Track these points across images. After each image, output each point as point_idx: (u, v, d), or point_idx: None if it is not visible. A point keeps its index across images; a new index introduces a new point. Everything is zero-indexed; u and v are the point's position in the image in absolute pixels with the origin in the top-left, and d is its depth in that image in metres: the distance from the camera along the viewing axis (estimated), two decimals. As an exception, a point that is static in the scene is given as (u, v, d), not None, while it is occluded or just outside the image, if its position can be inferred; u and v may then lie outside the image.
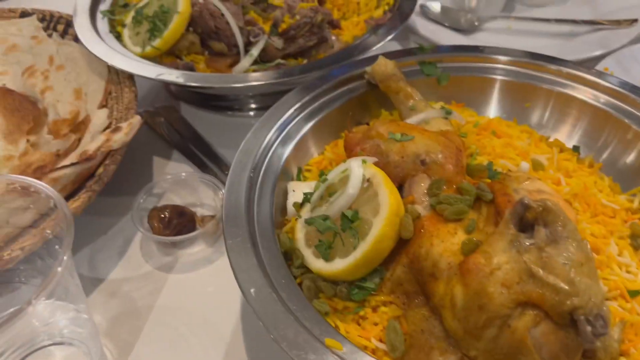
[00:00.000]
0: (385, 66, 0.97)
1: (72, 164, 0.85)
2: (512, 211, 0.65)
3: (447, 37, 1.38)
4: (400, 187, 0.78)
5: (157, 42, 1.09)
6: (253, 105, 1.22)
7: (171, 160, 1.13)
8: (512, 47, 1.37)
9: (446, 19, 1.43)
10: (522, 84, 1.01)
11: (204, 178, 1.00)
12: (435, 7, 1.45)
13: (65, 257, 0.57)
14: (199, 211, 0.99)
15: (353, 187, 0.74)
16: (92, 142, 0.91)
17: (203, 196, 1.02)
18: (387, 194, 0.71)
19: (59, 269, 0.56)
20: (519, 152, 0.90)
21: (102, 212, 1.00)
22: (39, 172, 0.99)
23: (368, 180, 0.75)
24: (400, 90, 0.95)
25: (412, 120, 0.92)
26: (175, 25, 1.09)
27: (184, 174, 1.00)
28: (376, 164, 0.79)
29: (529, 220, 0.65)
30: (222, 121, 1.22)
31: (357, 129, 0.89)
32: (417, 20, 1.40)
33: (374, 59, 1.01)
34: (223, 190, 0.97)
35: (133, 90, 1.04)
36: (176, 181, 1.00)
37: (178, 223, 0.94)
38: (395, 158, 0.80)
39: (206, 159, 1.11)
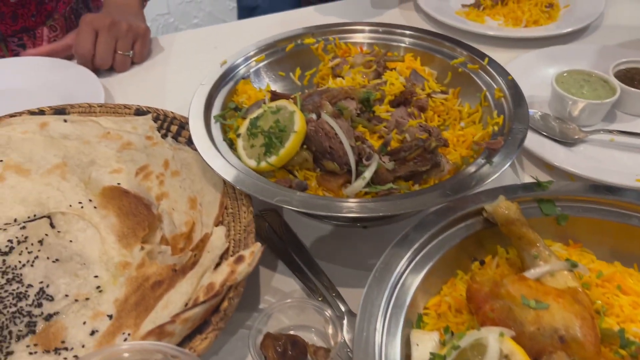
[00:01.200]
0: (507, 209, 0.96)
1: (201, 303, 0.87)
2: None
3: (547, 148, 1.36)
4: (534, 361, 0.77)
5: (272, 160, 1.11)
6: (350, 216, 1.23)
7: (277, 272, 1.14)
8: (615, 161, 1.36)
9: (546, 128, 1.42)
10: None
11: (315, 305, 1.01)
12: (535, 115, 1.44)
13: None
14: (309, 337, 1.00)
15: (491, 363, 0.74)
16: (216, 273, 0.93)
17: (311, 319, 1.03)
18: (531, 381, 0.70)
19: None
20: (648, 315, 0.88)
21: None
22: (157, 287, 1.02)
23: (506, 356, 0.74)
24: (522, 236, 0.94)
25: (537, 271, 0.90)
26: (292, 144, 1.11)
27: (300, 300, 1.01)
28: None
29: None
30: (319, 228, 1.24)
31: (482, 281, 0.89)
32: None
33: (490, 193, 1.02)
34: (328, 313, 0.98)
35: (251, 210, 1.07)
36: (289, 305, 1.01)
37: (291, 355, 0.94)
38: (531, 329, 0.79)
39: (310, 272, 1.13)
